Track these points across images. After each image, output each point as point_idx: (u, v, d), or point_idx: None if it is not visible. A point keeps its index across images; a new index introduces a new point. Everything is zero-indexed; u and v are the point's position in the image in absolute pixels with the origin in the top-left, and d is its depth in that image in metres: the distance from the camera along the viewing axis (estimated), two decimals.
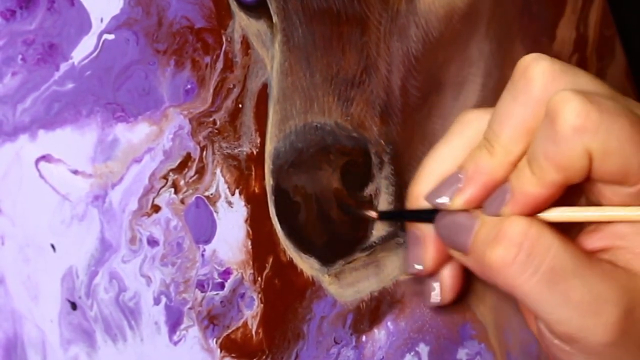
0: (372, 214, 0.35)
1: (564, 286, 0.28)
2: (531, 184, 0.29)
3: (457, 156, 0.32)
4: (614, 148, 0.27)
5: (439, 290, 0.35)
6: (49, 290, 0.28)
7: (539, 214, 0.29)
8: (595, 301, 0.28)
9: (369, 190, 0.36)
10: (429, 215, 0.32)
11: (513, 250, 0.28)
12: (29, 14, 0.28)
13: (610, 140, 0.27)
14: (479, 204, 0.31)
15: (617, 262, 0.29)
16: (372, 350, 0.38)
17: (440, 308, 0.40)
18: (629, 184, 0.28)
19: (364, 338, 0.38)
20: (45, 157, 0.29)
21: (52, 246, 0.29)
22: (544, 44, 0.48)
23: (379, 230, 0.37)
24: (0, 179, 0.28)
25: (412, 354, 0.39)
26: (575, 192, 0.31)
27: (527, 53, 0.30)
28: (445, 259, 0.34)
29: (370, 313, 0.38)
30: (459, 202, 0.31)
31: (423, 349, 0.40)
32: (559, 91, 0.28)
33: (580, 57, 0.51)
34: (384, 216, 0.36)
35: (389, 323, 0.39)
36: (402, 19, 0.38)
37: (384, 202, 0.37)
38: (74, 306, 0.29)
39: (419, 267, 0.34)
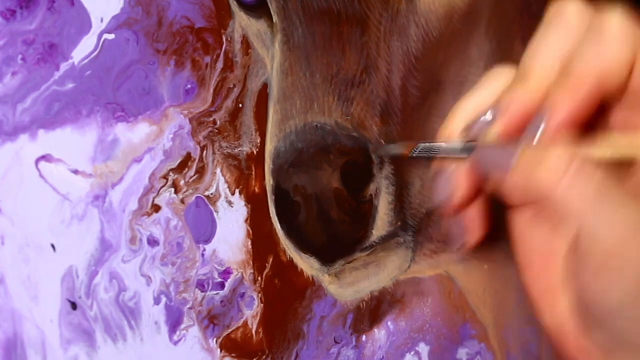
0: (406, 151, 0.35)
1: (611, 207, 0.28)
2: (566, 95, 0.29)
3: (490, 99, 0.32)
4: None
5: (465, 231, 0.35)
6: (49, 290, 0.28)
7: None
8: (636, 226, 0.28)
9: (369, 190, 0.36)
10: (465, 151, 0.32)
11: (564, 163, 0.28)
12: (30, 14, 0.28)
13: None
14: (516, 136, 0.31)
15: None
16: (372, 350, 0.38)
17: (441, 308, 0.40)
18: None
19: (364, 338, 0.38)
20: (45, 157, 0.29)
21: (53, 246, 0.29)
22: None
23: (379, 230, 0.37)
24: (0, 179, 0.28)
25: (412, 353, 0.39)
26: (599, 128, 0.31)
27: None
28: (473, 197, 0.34)
29: (370, 313, 0.38)
30: (496, 131, 0.31)
31: (423, 349, 0.40)
32: (602, 13, 0.28)
33: None
34: (417, 153, 0.35)
35: (389, 323, 0.39)
36: (403, 19, 0.38)
37: (385, 202, 0.37)
38: (74, 306, 0.29)
39: (448, 193, 0.34)
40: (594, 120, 0.30)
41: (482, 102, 0.32)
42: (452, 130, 0.33)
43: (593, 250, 0.29)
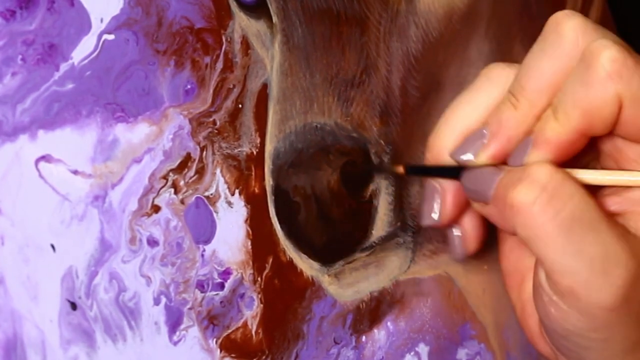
0: (400, 169, 0.35)
1: (581, 237, 0.28)
2: (554, 131, 0.28)
3: (480, 112, 0.32)
4: None
5: (462, 240, 0.35)
6: (49, 290, 0.28)
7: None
8: (607, 259, 0.27)
9: (368, 190, 0.36)
10: (454, 172, 0.32)
11: (536, 190, 0.28)
12: (29, 14, 0.28)
13: None
14: (505, 159, 0.31)
15: (630, 227, 0.29)
16: (371, 351, 0.38)
17: (441, 308, 0.40)
18: None
19: (363, 338, 0.38)
20: (45, 157, 0.29)
21: (52, 246, 0.29)
22: None
23: (379, 230, 0.37)
24: (0, 179, 0.28)
25: (411, 354, 0.39)
26: (593, 155, 0.31)
27: (527, 54, 0.31)
28: (460, 214, 0.34)
29: (370, 313, 0.38)
30: (484, 157, 0.31)
31: (423, 349, 0.40)
32: (597, 39, 0.28)
33: None
34: (411, 171, 0.35)
35: (388, 323, 0.39)
36: (402, 19, 0.38)
37: (384, 203, 0.37)
38: (73, 306, 0.29)
39: (434, 215, 0.34)
40: (583, 147, 0.30)
41: (472, 113, 0.32)
42: (440, 146, 0.33)
43: (553, 281, 0.29)
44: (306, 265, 0.36)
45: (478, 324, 0.42)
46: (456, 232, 0.35)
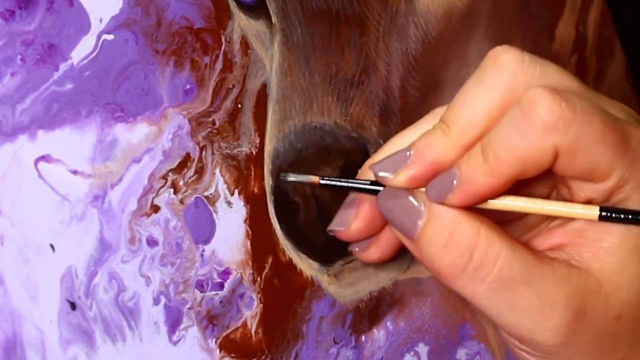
0: (313, 179, 0.33)
1: (512, 294, 0.28)
2: (482, 173, 0.28)
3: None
4: (583, 147, 0.27)
5: (368, 248, 0.35)
6: (49, 290, 0.29)
7: (490, 200, 0.29)
8: (544, 306, 0.28)
9: None
10: (372, 188, 0.32)
11: (462, 262, 0.28)
12: (28, 15, 0.28)
13: (581, 140, 0.27)
14: (422, 184, 0.30)
15: (573, 260, 0.29)
16: (371, 350, 0.38)
17: (440, 308, 0.40)
18: (595, 181, 0.28)
19: (363, 338, 0.38)
20: (44, 157, 0.29)
21: (52, 246, 0.29)
22: (543, 44, 0.48)
23: None
24: None
25: (411, 353, 0.39)
26: (549, 180, 0.31)
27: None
28: (374, 230, 0.34)
29: (369, 313, 0.38)
30: (402, 178, 0.30)
31: (422, 349, 0.40)
32: (535, 86, 0.27)
33: (579, 57, 0.51)
34: (325, 183, 0.33)
35: (388, 323, 0.39)
36: (401, 19, 0.38)
37: None
38: (73, 306, 0.29)
39: (339, 228, 0.34)
40: (507, 189, 0.30)
41: (411, 140, 0.32)
42: (369, 164, 0.33)
43: (507, 332, 0.30)
44: (306, 265, 0.36)
45: (478, 324, 0.42)
46: (354, 247, 0.35)
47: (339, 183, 0.33)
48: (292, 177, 0.33)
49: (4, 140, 0.28)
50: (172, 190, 0.32)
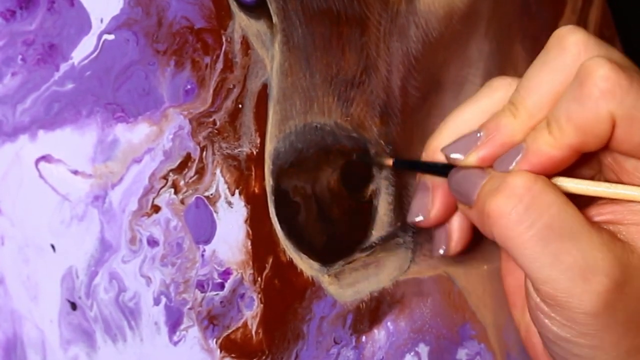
0: (389, 161, 0.35)
1: (558, 246, 0.28)
2: (546, 144, 0.29)
3: (479, 118, 0.32)
4: (639, 117, 0.27)
5: (446, 241, 0.35)
6: (49, 290, 0.28)
7: (557, 181, 0.30)
8: (586, 268, 0.28)
9: (368, 190, 0.36)
10: (443, 169, 0.32)
11: (513, 201, 0.28)
12: (29, 15, 0.28)
13: (638, 109, 0.27)
14: (492, 164, 0.31)
15: (620, 234, 0.29)
16: (371, 351, 0.38)
17: (441, 308, 0.40)
18: None
19: (363, 338, 0.38)
20: (45, 158, 0.29)
21: (52, 246, 0.29)
22: (543, 44, 0.48)
23: (379, 230, 0.37)
24: (0, 179, 0.28)
25: (412, 354, 0.39)
26: (594, 162, 0.31)
27: (527, 53, 0.31)
28: (450, 214, 0.34)
29: (370, 313, 0.38)
30: (473, 158, 0.31)
31: (423, 349, 0.40)
32: (592, 56, 0.28)
33: None
34: (399, 164, 0.35)
35: (388, 323, 0.39)
36: (402, 19, 0.38)
37: (384, 203, 0.37)
38: (73, 306, 0.29)
39: (419, 218, 0.34)
40: (575, 161, 0.30)
41: (472, 118, 0.32)
42: (436, 145, 0.33)
43: (536, 288, 0.29)
44: (306, 265, 0.36)
45: (478, 324, 0.42)
46: (442, 232, 0.35)
47: (411, 166, 0.35)
48: (368, 158, 0.35)
49: (5, 141, 0.28)
50: (172, 190, 0.32)
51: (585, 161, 0.30)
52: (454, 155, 0.31)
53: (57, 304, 0.29)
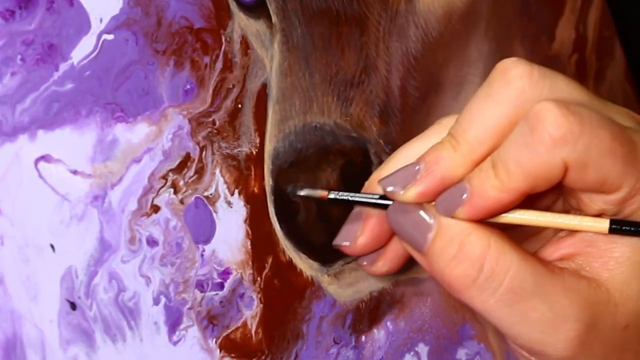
0: (323, 194, 0.33)
1: (523, 305, 0.28)
2: (493, 187, 0.28)
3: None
4: (592, 160, 0.27)
5: (376, 262, 0.35)
6: (49, 290, 0.28)
7: (501, 215, 0.29)
8: (555, 318, 0.28)
9: None
10: (381, 203, 0.32)
11: (473, 273, 0.28)
12: (28, 14, 0.28)
13: (590, 153, 0.27)
14: (432, 199, 0.30)
15: (583, 270, 0.29)
16: (371, 350, 0.38)
17: (440, 308, 0.40)
18: (606, 192, 0.28)
19: (363, 338, 0.38)
20: (44, 157, 0.29)
21: (52, 246, 0.29)
22: (543, 44, 0.48)
23: None
24: None
25: (411, 354, 0.39)
26: (557, 194, 0.31)
27: (527, 53, 0.30)
28: (380, 244, 0.34)
29: (369, 313, 0.38)
30: (412, 193, 0.30)
31: (422, 349, 0.40)
32: (541, 100, 0.27)
33: (579, 57, 0.51)
34: (333, 199, 0.33)
35: (388, 323, 0.39)
36: (401, 19, 0.38)
37: None
38: (73, 306, 0.29)
39: (345, 243, 0.34)
40: (518, 203, 0.29)
41: (419, 154, 0.31)
42: (376, 178, 0.32)
43: (516, 343, 0.30)
44: (306, 265, 0.36)
45: (478, 324, 0.42)
46: (362, 261, 0.35)
47: (348, 198, 0.33)
48: (300, 192, 0.34)
49: (4, 140, 0.28)
50: (172, 190, 0.32)
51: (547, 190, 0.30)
52: (391, 189, 0.30)
53: (56, 304, 0.29)
